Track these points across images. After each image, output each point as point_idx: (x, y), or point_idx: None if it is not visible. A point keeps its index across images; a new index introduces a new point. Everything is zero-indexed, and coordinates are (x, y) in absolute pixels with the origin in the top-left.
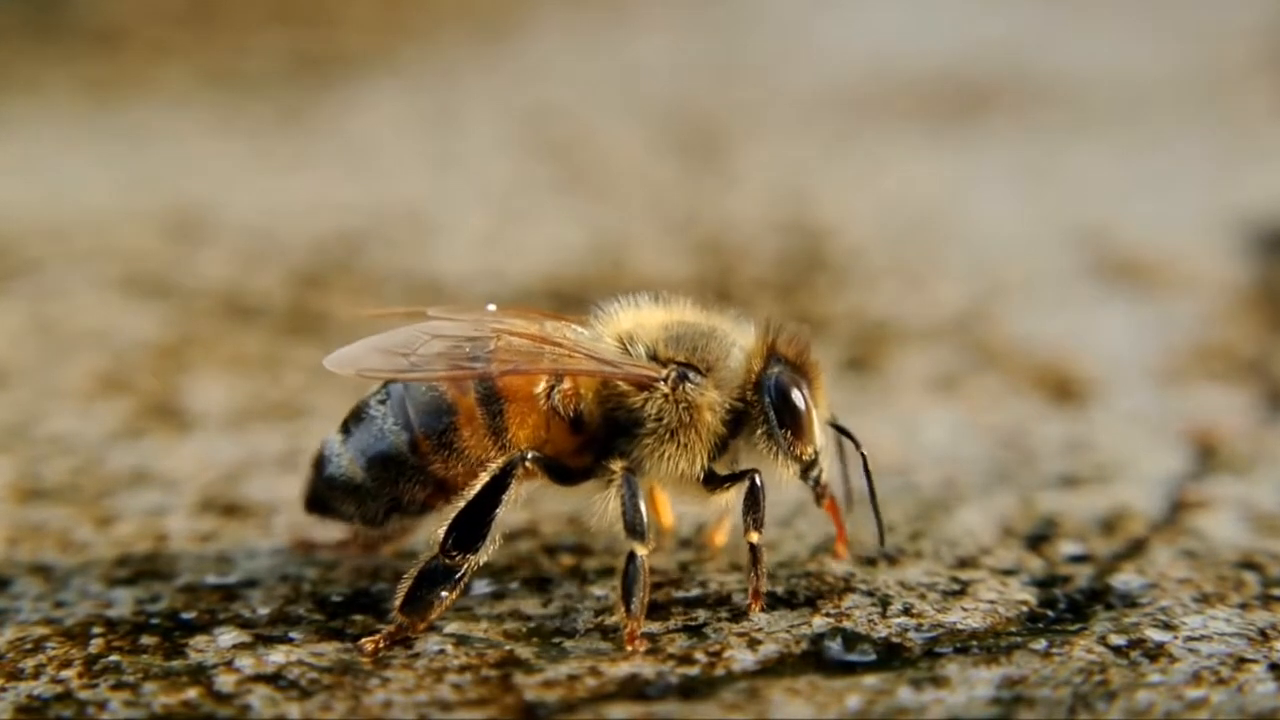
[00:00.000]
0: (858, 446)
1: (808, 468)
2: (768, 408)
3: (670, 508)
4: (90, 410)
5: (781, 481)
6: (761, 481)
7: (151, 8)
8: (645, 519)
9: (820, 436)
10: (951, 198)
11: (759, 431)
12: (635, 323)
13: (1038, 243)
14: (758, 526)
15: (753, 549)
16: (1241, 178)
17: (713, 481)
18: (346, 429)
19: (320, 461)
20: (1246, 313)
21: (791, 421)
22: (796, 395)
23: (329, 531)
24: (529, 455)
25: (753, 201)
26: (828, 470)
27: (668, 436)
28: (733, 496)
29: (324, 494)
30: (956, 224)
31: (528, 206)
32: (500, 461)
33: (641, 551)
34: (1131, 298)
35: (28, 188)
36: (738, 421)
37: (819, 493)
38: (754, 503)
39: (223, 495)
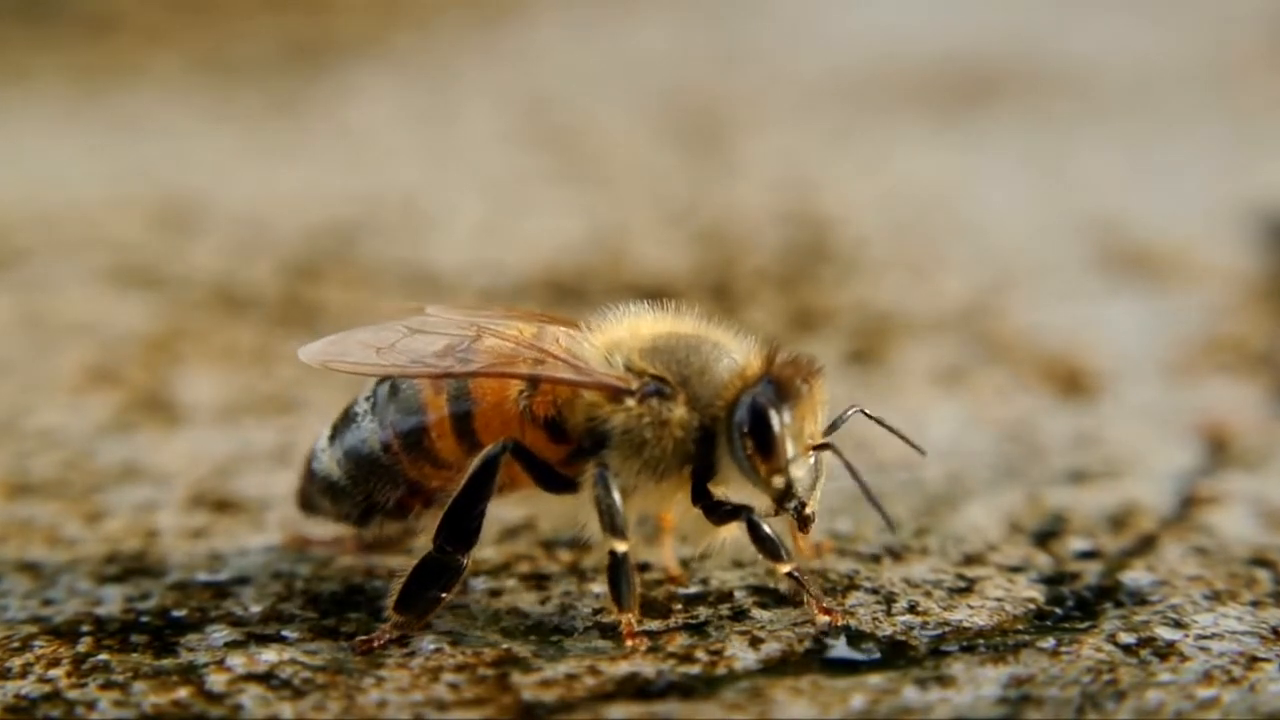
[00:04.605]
0: (844, 460)
1: (782, 496)
2: (733, 430)
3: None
4: (79, 403)
5: (762, 508)
6: (757, 518)
7: None
8: (621, 514)
9: (798, 465)
10: (957, 188)
11: (726, 455)
12: (629, 331)
13: (1045, 233)
14: (778, 558)
15: (791, 578)
16: (1252, 167)
17: (711, 508)
18: (335, 426)
19: (308, 458)
20: (1258, 304)
21: (759, 446)
22: (770, 418)
23: (323, 528)
24: (512, 444)
25: (755, 191)
26: (814, 503)
27: (633, 452)
28: (732, 533)
29: (309, 491)
30: (963, 214)
31: (526, 197)
32: (484, 451)
33: (622, 548)
34: (1141, 289)
35: (15, 177)
36: (710, 441)
37: (802, 524)
38: (759, 540)
39: (214, 490)
